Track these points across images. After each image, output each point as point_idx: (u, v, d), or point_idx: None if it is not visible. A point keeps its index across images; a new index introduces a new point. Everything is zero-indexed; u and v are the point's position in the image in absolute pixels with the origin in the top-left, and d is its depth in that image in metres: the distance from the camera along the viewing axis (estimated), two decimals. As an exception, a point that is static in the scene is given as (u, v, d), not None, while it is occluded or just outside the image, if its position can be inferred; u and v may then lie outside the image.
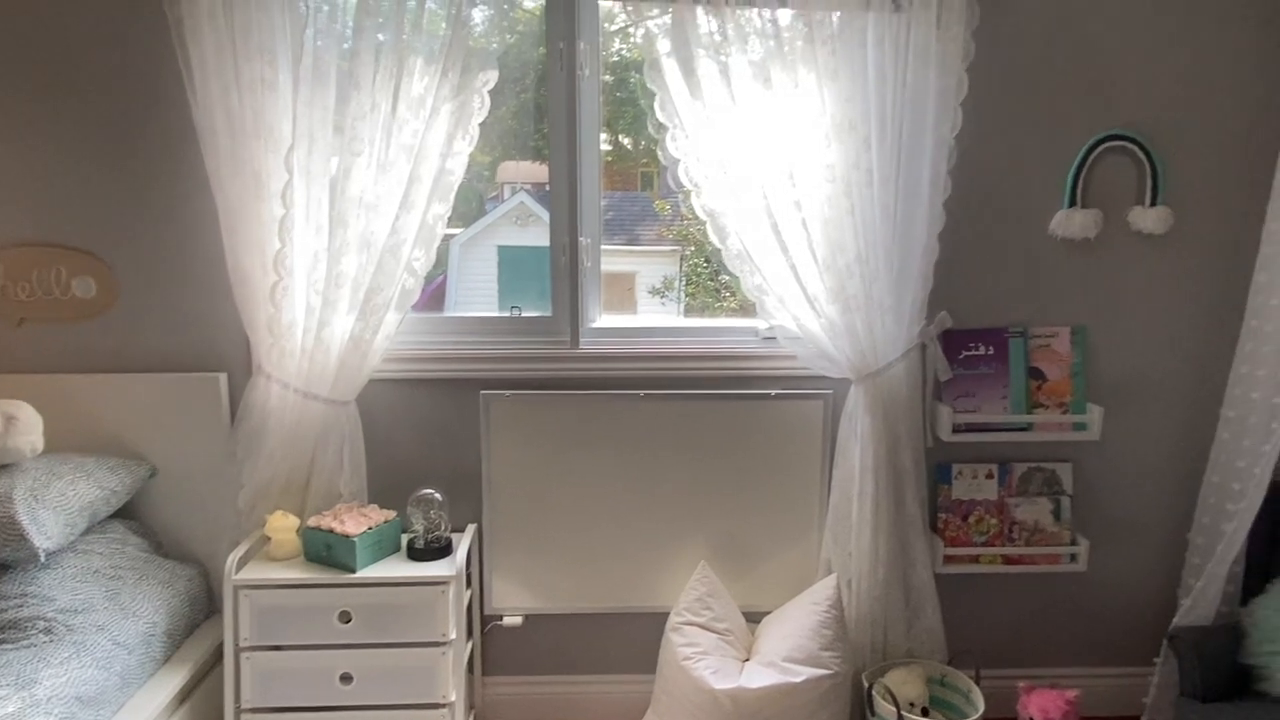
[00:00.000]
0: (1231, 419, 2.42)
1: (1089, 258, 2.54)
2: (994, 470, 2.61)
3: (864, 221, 2.34)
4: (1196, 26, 2.44)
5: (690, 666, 2.36)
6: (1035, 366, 2.56)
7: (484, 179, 2.71)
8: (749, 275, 2.42)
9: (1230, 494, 2.39)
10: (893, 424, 2.49)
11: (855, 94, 2.27)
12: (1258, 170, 2.43)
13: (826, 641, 2.37)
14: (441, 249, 2.45)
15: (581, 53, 2.41)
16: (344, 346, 2.36)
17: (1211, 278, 2.55)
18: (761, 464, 2.62)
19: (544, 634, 2.70)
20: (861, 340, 2.41)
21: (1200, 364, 2.59)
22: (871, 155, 2.31)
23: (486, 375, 2.54)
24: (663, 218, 2.81)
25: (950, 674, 2.54)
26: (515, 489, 2.59)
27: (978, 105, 2.40)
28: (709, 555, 2.64)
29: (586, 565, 2.64)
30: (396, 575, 2.30)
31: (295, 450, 2.42)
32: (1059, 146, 2.48)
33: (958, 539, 2.61)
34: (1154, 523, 2.69)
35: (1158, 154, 2.45)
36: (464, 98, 2.29)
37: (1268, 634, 2.31)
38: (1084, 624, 2.75)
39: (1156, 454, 2.65)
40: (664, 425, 2.58)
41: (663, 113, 2.32)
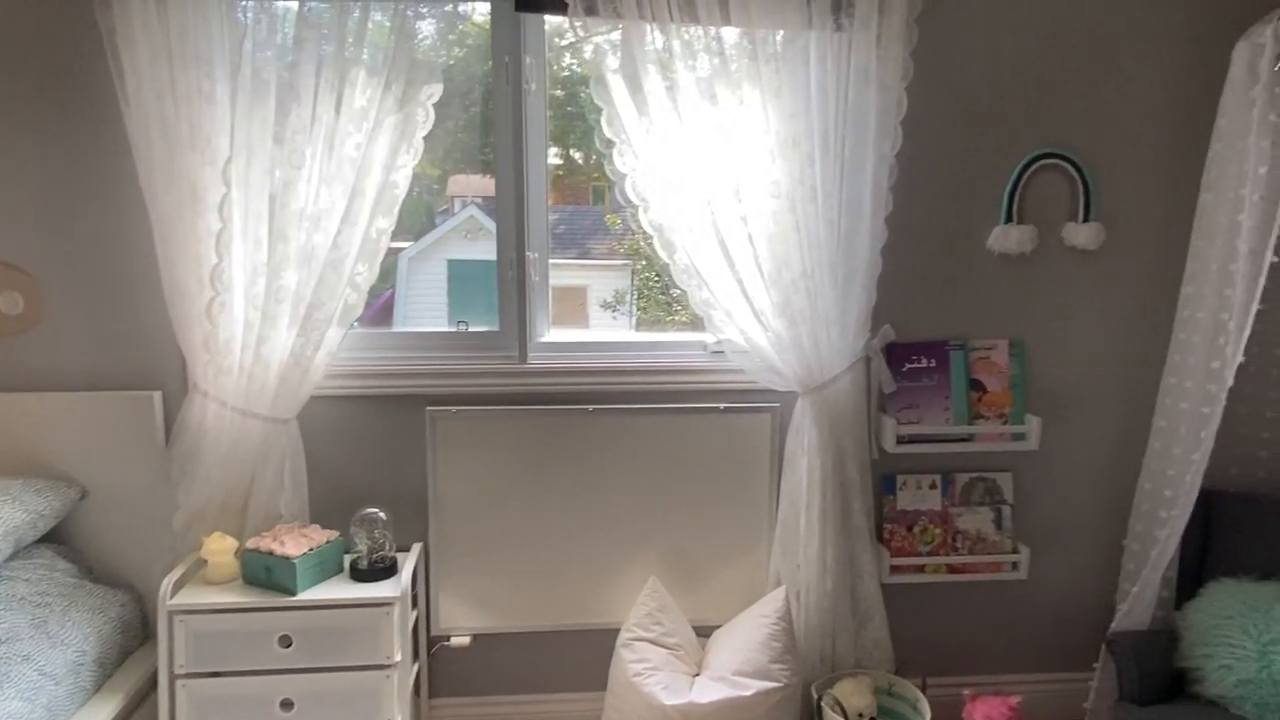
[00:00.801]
0: (1163, 428, 2.50)
1: (1025, 272, 2.61)
2: (937, 480, 2.66)
3: (809, 237, 2.37)
4: (1124, 51, 2.53)
5: (641, 683, 2.35)
6: (976, 378, 2.62)
7: (434, 192, 2.69)
8: (696, 290, 2.43)
9: (1163, 501, 2.46)
10: (839, 436, 2.52)
11: (799, 111, 2.31)
12: (1183, 188, 2.52)
13: (776, 654, 2.38)
14: (389, 263, 2.41)
15: (527, 67, 2.41)
16: (284, 363, 2.31)
17: (1141, 291, 2.64)
18: (710, 477, 2.62)
19: (493, 654, 2.66)
20: (808, 354, 2.44)
21: (1133, 375, 2.67)
22: (815, 171, 2.34)
23: (433, 391, 2.51)
24: (614, 232, 2.81)
25: (897, 683, 2.57)
26: (462, 506, 2.56)
27: (917, 123, 2.45)
28: (659, 570, 2.63)
29: (536, 582, 2.61)
30: (339, 597, 2.24)
31: (233, 470, 2.36)
32: (995, 164, 2.55)
33: (903, 549, 2.65)
34: (1091, 530, 2.76)
35: (1089, 172, 2.53)
36: (408, 111, 2.27)
37: (1201, 637, 2.39)
38: (1026, 630, 2.81)
39: (1092, 463, 2.72)
40: (613, 440, 2.58)
41: (609, 128, 2.32)
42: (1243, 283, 2.22)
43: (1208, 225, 2.38)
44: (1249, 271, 2.20)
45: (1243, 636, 2.31)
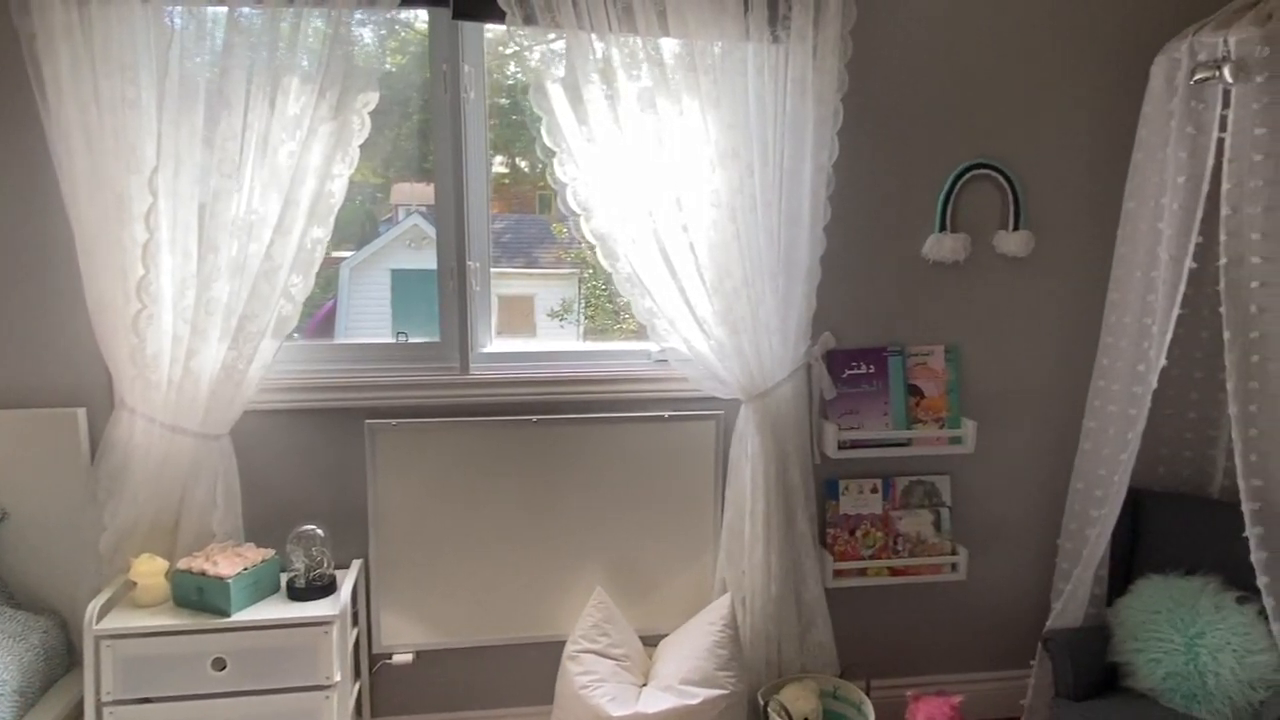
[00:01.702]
0: (1092, 429, 2.58)
1: (960, 279, 2.67)
2: (878, 484, 2.70)
3: (749, 246, 2.39)
4: (1051, 65, 2.61)
5: (587, 695, 2.33)
6: (913, 384, 2.67)
7: (377, 200, 2.64)
8: (640, 298, 2.44)
9: (1093, 500, 2.54)
10: (782, 442, 2.54)
11: (738, 122, 2.33)
12: (1108, 197, 2.61)
13: (722, 661, 2.38)
14: (331, 273, 2.37)
15: (466, 75, 2.39)
16: (215, 377, 2.25)
17: (1070, 297, 2.72)
18: (656, 486, 2.62)
19: (437, 670, 2.61)
20: (750, 361, 2.46)
21: (1064, 378, 2.75)
22: (755, 181, 2.36)
23: (372, 404, 2.46)
24: (560, 240, 2.80)
25: (842, 686, 2.59)
26: (404, 521, 2.51)
27: (853, 135, 2.50)
28: (605, 580, 2.62)
29: (480, 597, 2.58)
30: (275, 617, 2.19)
31: (163, 488, 2.28)
32: (929, 174, 2.60)
33: (846, 553, 2.68)
34: (1026, 530, 2.82)
35: (1019, 182, 2.61)
36: (344, 118, 2.23)
37: (1131, 632, 2.46)
38: (966, 630, 2.86)
39: (1027, 465, 2.79)
40: (557, 450, 2.56)
41: (549, 137, 2.32)
42: (1164, 289, 2.30)
43: (1131, 233, 2.47)
44: (1170, 278, 2.29)
45: (1170, 631, 2.39)
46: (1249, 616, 2.31)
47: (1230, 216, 2.18)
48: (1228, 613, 2.35)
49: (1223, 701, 2.29)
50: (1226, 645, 2.30)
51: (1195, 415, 2.64)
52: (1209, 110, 2.22)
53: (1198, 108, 2.24)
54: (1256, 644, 2.28)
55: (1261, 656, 2.26)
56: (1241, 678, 2.27)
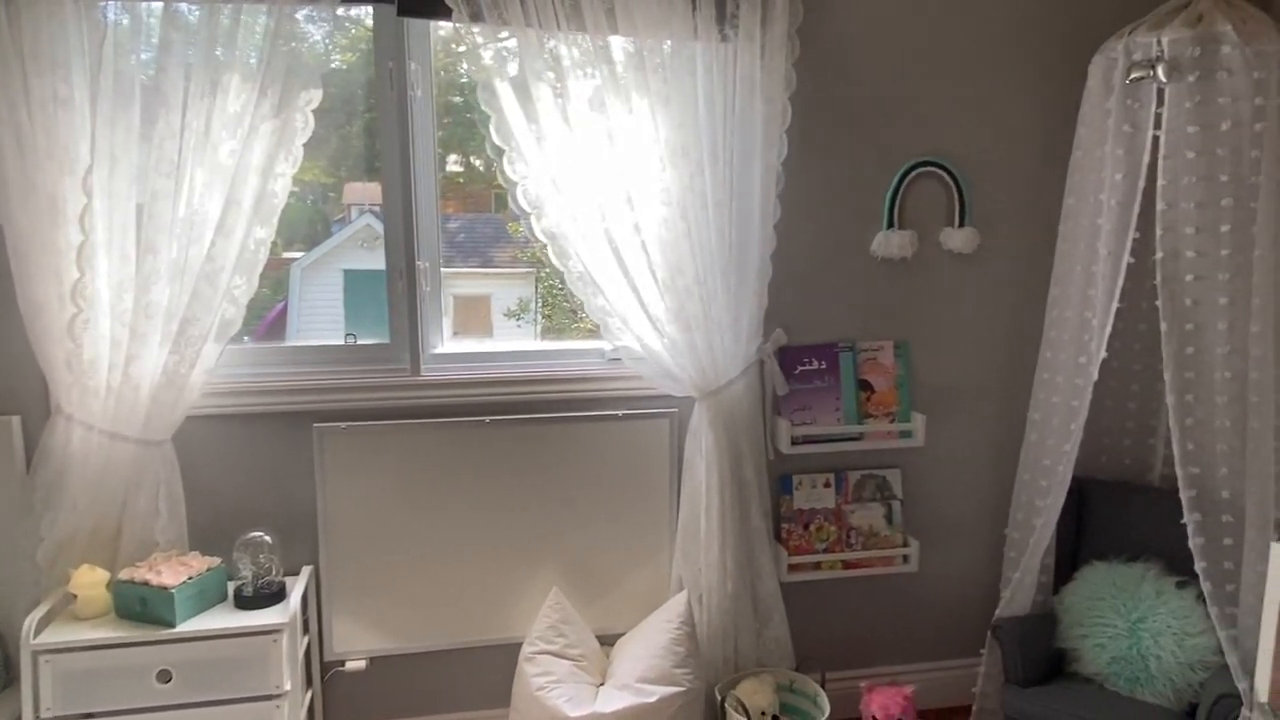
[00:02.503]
0: (1037, 421, 2.63)
1: (907, 276, 2.71)
2: (831, 479, 2.73)
3: (700, 244, 2.40)
4: (994, 65, 2.66)
5: (544, 696, 2.32)
6: (864, 379, 2.70)
7: (329, 200, 2.60)
8: (592, 297, 2.43)
9: (1039, 490, 2.59)
10: (735, 439, 2.55)
11: (687, 120, 2.33)
12: (1049, 194, 2.66)
13: (679, 659, 2.39)
14: (282, 274, 2.32)
15: (413, 73, 2.36)
16: (156, 382, 2.20)
17: (1015, 292, 2.77)
18: (611, 485, 2.62)
19: (391, 676, 2.58)
20: (703, 359, 2.46)
21: (1009, 372, 2.81)
22: (705, 179, 2.37)
23: (320, 407, 2.42)
24: (516, 239, 2.78)
25: (798, 680, 2.62)
26: (354, 526, 2.47)
27: (802, 133, 2.52)
28: (561, 581, 2.61)
29: (434, 600, 2.55)
30: (222, 626, 2.14)
31: (103, 497, 2.22)
32: (876, 172, 2.64)
33: (800, 547, 2.70)
34: (976, 521, 2.88)
35: (963, 179, 2.65)
36: (286, 116, 2.19)
37: (1077, 619, 2.52)
38: (918, 621, 2.91)
39: (975, 457, 2.84)
40: (511, 451, 2.54)
41: (498, 135, 2.30)
42: (1103, 283, 2.36)
43: (1071, 229, 2.52)
44: (1108, 272, 2.34)
45: (1114, 616, 2.45)
46: (1188, 600, 2.38)
47: (1165, 212, 2.24)
48: (1168, 597, 2.42)
49: (1164, 683, 2.36)
50: (1167, 629, 2.37)
51: (1135, 405, 2.71)
52: (1144, 109, 2.28)
53: (1133, 106, 2.30)
54: (1196, 627, 2.35)
55: (1200, 639, 2.33)
56: (1182, 660, 2.34)
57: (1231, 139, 2.17)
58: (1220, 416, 2.26)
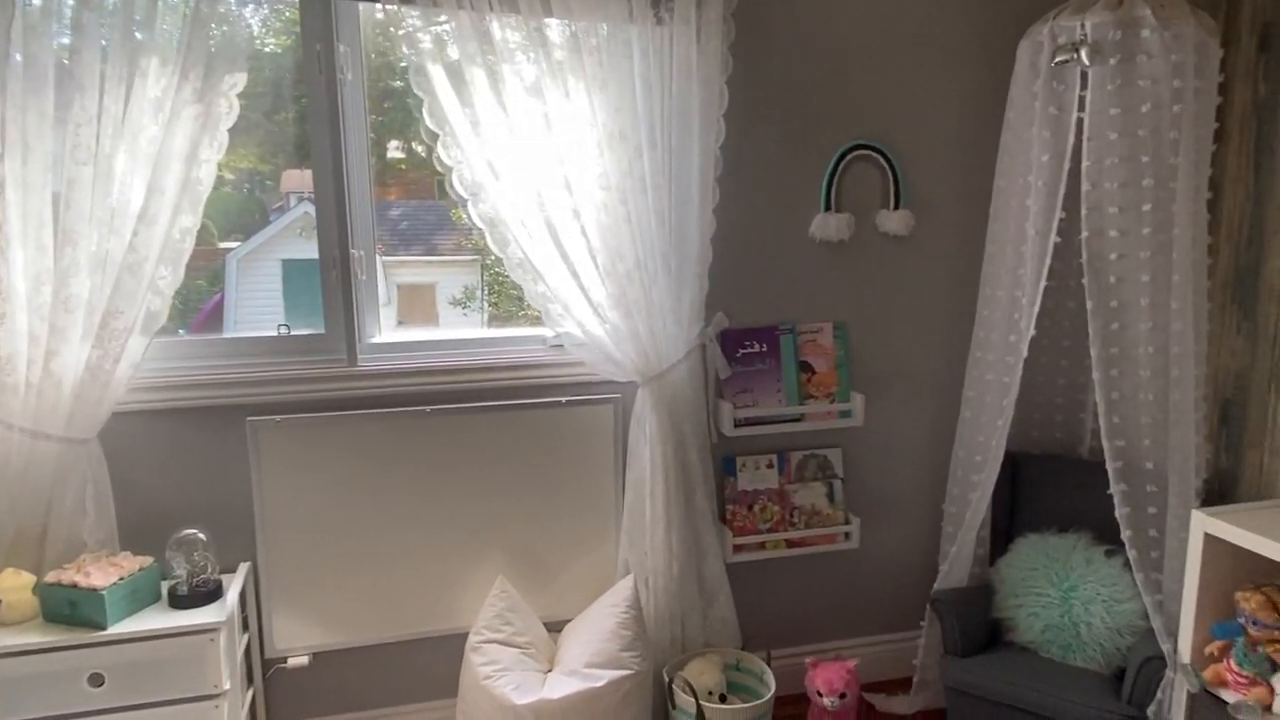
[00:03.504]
0: (971, 398, 2.70)
1: (845, 258, 2.74)
2: (774, 460, 2.76)
3: (640, 228, 2.39)
4: (927, 48, 2.69)
5: (491, 685, 2.31)
6: (805, 360, 2.73)
7: (267, 189, 2.52)
8: (532, 283, 2.41)
9: (974, 466, 2.66)
10: (679, 423, 2.56)
11: (625, 104, 2.32)
12: (981, 177, 2.72)
13: (626, 642, 2.40)
14: (218, 266, 2.25)
15: (342, 55, 2.31)
16: (79, 378, 2.12)
17: (949, 273, 2.83)
18: (556, 472, 2.61)
19: (335, 671, 2.54)
20: (645, 344, 2.47)
21: (945, 351, 2.86)
22: (644, 164, 2.36)
23: (254, 400, 2.36)
24: (460, 226, 2.73)
25: (745, 658, 2.65)
26: (293, 520, 2.43)
27: (739, 116, 2.53)
28: (507, 569, 2.60)
29: (378, 594, 2.52)
30: (157, 627, 2.08)
31: (26, 498, 2.14)
32: (814, 155, 2.66)
33: (745, 528, 2.73)
34: (914, 497, 2.94)
35: (898, 162, 2.69)
36: (209, 101, 2.12)
37: (1012, 589, 2.60)
38: (860, 596, 2.96)
39: (912, 434, 2.90)
40: (454, 440, 2.52)
41: (431, 119, 2.26)
42: (1032, 262, 2.42)
43: (1001, 210, 2.58)
44: (1037, 252, 2.40)
45: (1047, 585, 2.53)
46: (1116, 568, 2.47)
47: (1090, 192, 2.31)
48: (1097, 566, 2.50)
49: (1095, 649, 2.44)
50: (1097, 596, 2.46)
51: (1065, 381, 2.79)
52: (1069, 91, 2.34)
53: (1059, 89, 2.35)
54: (1123, 594, 2.44)
55: (1128, 605, 2.42)
56: (1111, 625, 2.43)
57: (1151, 121, 2.24)
58: (1144, 390, 2.34)
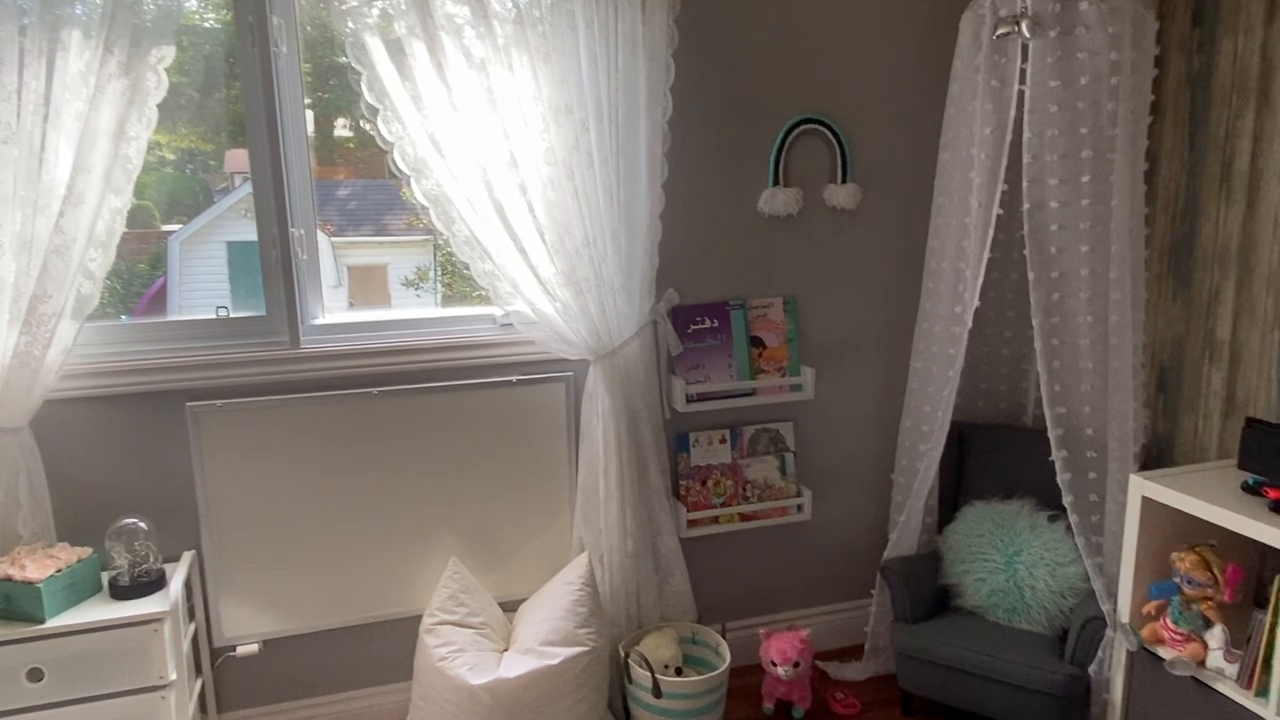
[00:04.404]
0: (918, 370, 2.73)
1: (794, 232, 2.75)
2: (726, 435, 2.77)
3: (588, 204, 2.37)
4: (872, 22, 2.69)
5: (446, 666, 2.30)
6: (756, 335, 2.74)
7: (210, 169, 2.44)
8: (479, 261, 2.38)
9: (921, 436, 2.70)
10: (631, 400, 2.56)
11: (570, 78, 2.29)
12: (927, 150, 2.74)
13: (582, 619, 2.40)
14: (161, 248, 2.18)
15: (276, 28, 2.23)
16: (7, 365, 2.04)
17: (896, 246, 2.85)
18: (508, 452, 2.59)
19: (287, 658, 2.51)
20: (596, 321, 2.45)
21: (892, 323, 2.90)
22: (590, 138, 2.34)
23: (193, 385, 2.30)
24: (411, 205, 2.67)
25: (700, 631, 2.67)
26: (238, 506, 2.38)
27: (686, 90, 2.51)
28: (460, 551, 2.58)
29: (328, 579, 2.49)
30: (97, 619, 2.03)
31: (-46, 491, 2.06)
32: (761, 129, 2.65)
33: (699, 503, 2.74)
34: (864, 469, 2.98)
35: (844, 136, 2.70)
36: (136, 74, 2.04)
37: (959, 556, 2.65)
38: (812, 567, 3.00)
39: (862, 407, 2.93)
40: (403, 422, 2.48)
41: (370, 93, 2.20)
42: (975, 234, 2.45)
43: (946, 183, 2.60)
44: (980, 224, 2.43)
45: (993, 551, 2.59)
46: (1059, 533, 2.54)
47: (1031, 164, 2.34)
48: (1041, 531, 2.57)
49: (1039, 611, 2.51)
50: (1040, 561, 2.53)
51: (1009, 352, 2.85)
52: (1010, 64, 2.36)
53: (1000, 61, 2.37)
54: (1066, 557, 2.50)
55: (1070, 568, 2.49)
56: (1054, 588, 2.49)
57: (1090, 93, 2.27)
58: (1084, 359, 2.39)
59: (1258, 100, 2.27)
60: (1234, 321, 2.37)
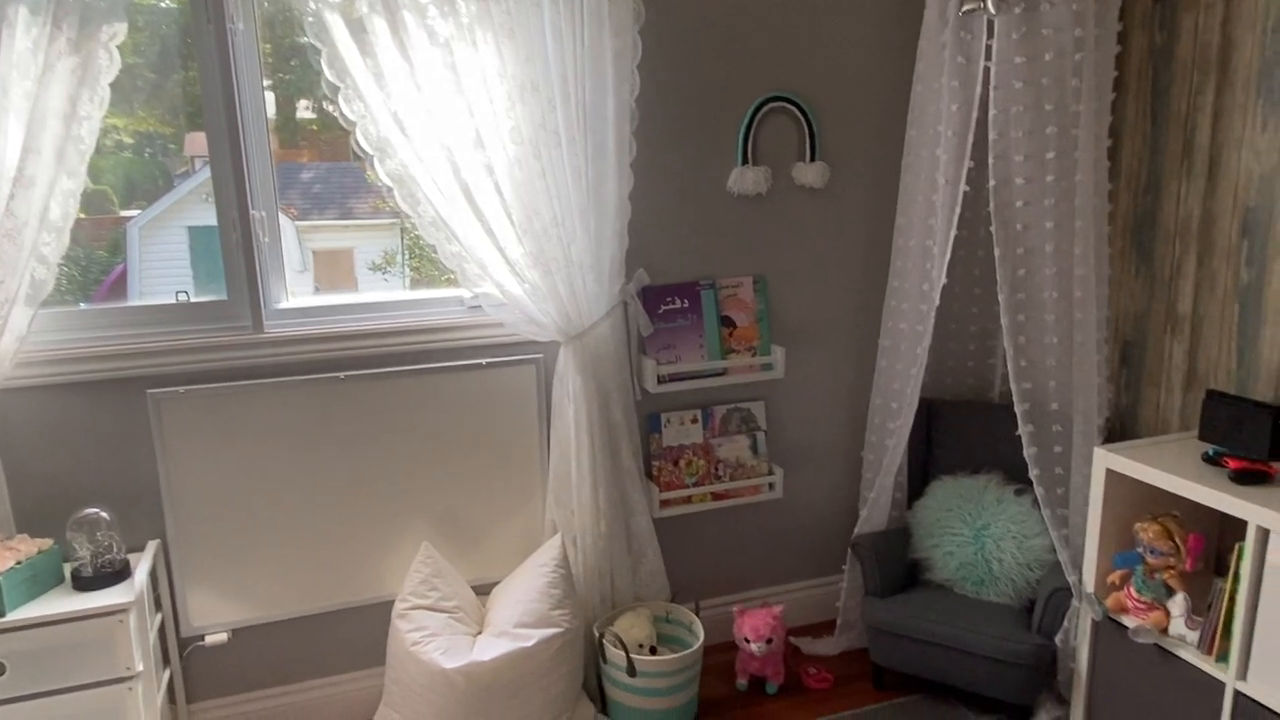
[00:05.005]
0: (887, 348, 2.75)
1: (763, 211, 2.74)
2: (698, 415, 2.77)
3: (556, 184, 2.34)
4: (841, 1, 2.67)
5: (419, 651, 2.29)
6: (726, 315, 2.74)
7: (170, 153, 2.37)
8: (446, 243, 2.35)
9: (890, 413, 2.72)
10: (603, 381, 2.55)
11: (535, 55, 2.25)
12: (894, 128, 2.74)
13: (555, 601, 2.40)
14: (120, 234, 2.12)
15: (232, 4, 2.17)
16: (-42, 354, 1.98)
17: (865, 224, 2.86)
18: (479, 435, 2.58)
19: (257, 646, 2.48)
20: (565, 302, 2.43)
21: (862, 301, 2.91)
22: (557, 116, 2.31)
23: (154, 372, 2.25)
24: (377, 188, 2.63)
25: (674, 610, 2.68)
26: (204, 494, 2.34)
27: (654, 69, 2.49)
28: (432, 535, 2.57)
29: (298, 566, 2.46)
30: (60, 611, 1.99)
31: (-94, 484, 2.01)
32: (729, 108, 2.64)
33: (671, 483, 2.75)
34: (834, 446, 3.00)
35: (813, 114, 2.69)
36: (87, 52, 1.97)
37: (928, 530, 2.68)
38: (784, 544, 3.02)
39: (832, 385, 2.95)
40: (371, 406, 2.45)
41: (331, 70, 2.16)
42: (943, 211, 2.46)
43: (913, 161, 2.61)
44: (947, 201, 2.45)
45: (961, 525, 2.62)
46: (1025, 506, 2.57)
47: (997, 141, 2.35)
48: (1007, 504, 2.60)
49: (1006, 584, 2.55)
50: (1008, 534, 2.56)
51: (976, 328, 2.88)
52: (976, 40, 2.36)
53: (966, 38, 2.38)
54: (1032, 530, 2.54)
55: (1036, 540, 2.53)
56: (1021, 560, 2.53)
57: (1055, 69, 2.29)
58: (1049, 334, 2.42)
59: (1218, 76, 2.30)
60: (1195, 295, 2.41)
